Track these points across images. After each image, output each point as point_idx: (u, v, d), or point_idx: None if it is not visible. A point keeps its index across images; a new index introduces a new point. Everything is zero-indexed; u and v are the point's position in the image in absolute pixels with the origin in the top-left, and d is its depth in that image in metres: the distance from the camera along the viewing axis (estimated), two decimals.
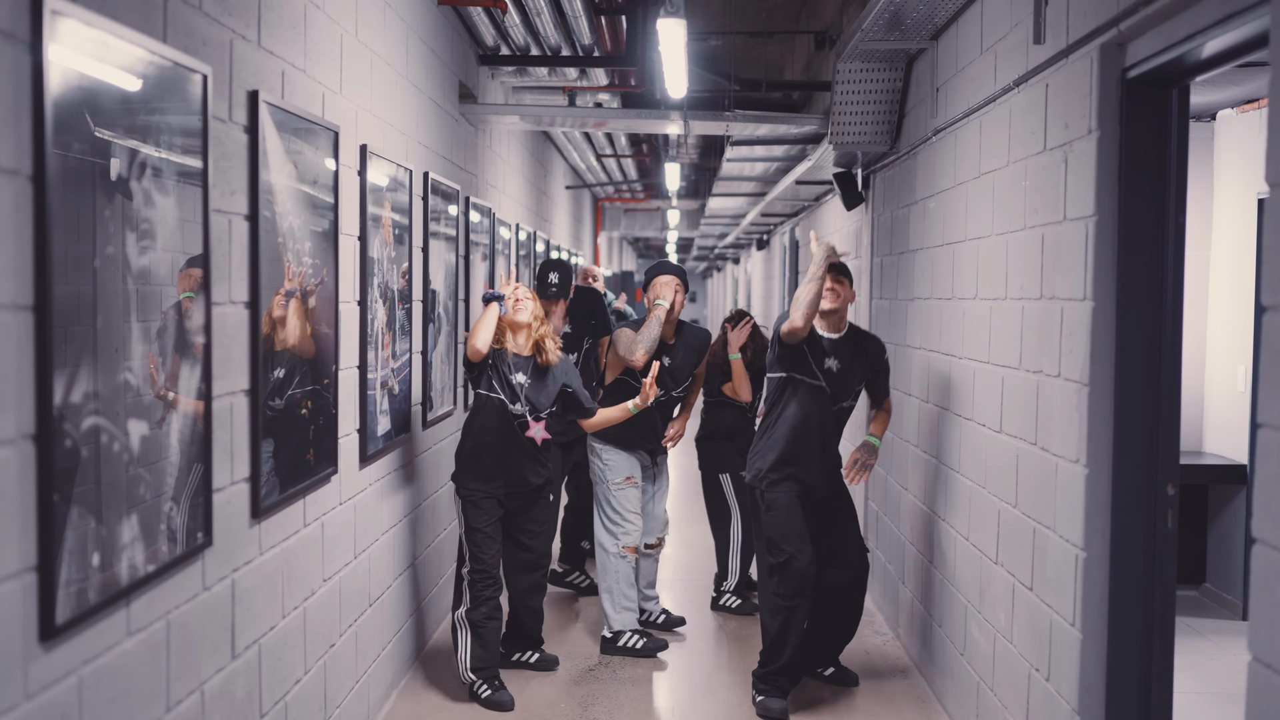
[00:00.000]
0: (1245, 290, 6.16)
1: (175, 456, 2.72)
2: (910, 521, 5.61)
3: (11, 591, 2.06)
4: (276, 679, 3.48)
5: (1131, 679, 3.32)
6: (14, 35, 2.05)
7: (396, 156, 4.82)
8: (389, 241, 4.66)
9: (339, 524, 4.13)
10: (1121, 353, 3.27)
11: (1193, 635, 5.81)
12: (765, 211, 12.95)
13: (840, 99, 6.03)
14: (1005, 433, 4.07)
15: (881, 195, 6.68)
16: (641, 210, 19.85)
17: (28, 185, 2.10)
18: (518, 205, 8.83)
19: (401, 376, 4.93)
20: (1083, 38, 3.33)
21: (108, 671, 2.42)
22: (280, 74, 3.43)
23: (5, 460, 2.03)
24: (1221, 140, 6.46)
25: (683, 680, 5.43)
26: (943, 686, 4.95)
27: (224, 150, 3.01)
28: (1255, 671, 2.12)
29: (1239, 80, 5.23)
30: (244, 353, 3.17)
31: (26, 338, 2.10)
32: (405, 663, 5.22)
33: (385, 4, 4.68)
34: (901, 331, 5.93)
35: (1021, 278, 3.91)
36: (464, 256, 6.35)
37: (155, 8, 2.61)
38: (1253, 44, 2.71)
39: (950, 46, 4.98)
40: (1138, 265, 3.26)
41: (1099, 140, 3.25)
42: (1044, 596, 3.65)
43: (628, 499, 5.79)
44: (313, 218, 3.70)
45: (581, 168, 13.56)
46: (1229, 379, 6.40)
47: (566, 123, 7.41)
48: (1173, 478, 3.27)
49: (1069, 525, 3.42)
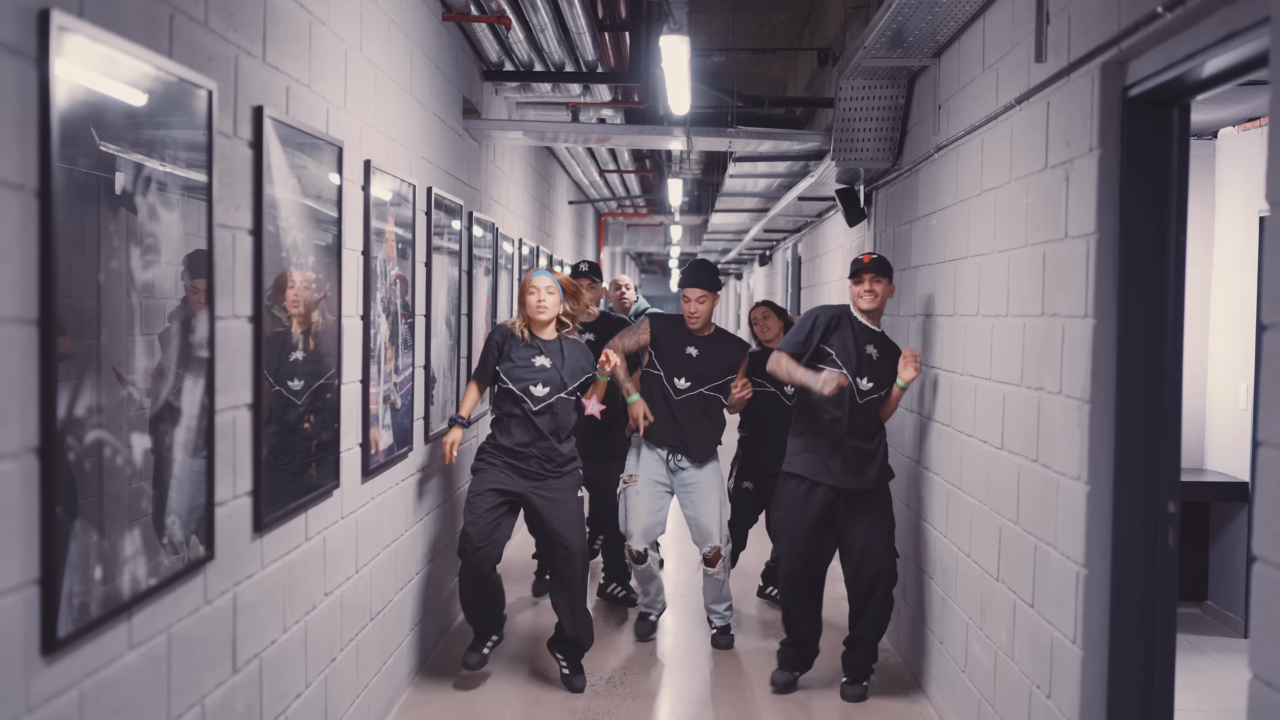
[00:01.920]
0: (1247, 308, 6.16)
1: (178, 470, 2.72)
2: (911, 537, 5.61)
3: (14, 605, 2.06)
4: (277, 693, 3.48)
5: (1132, 696, 3.31)
6: (20, 50, 2.06)
7: (400, 171, 4.83)
8: (392, 256, 4.67)
9: (341, 538, 4.13)
10: (1123, 370, 3.28)
11: (1194, 653, 5.80)
12: (768, 227, 12.97)
13: (843, 116, 6.05)
14: (1006, 449, 4.07)
15: (884, 212, 6.69)
16: (644, 225, 19.87)
17: (33, 199, 2.11)
18: (521, 220, 8.85)
19: (404, 391, 4.94)
20: (1084, 56, 3.35)
21: (109, 685, 2.42)
22: (285, 89, 3.45)
23: (8, 473, 2.04)
24: (1223, 158, 6.47)
25: (684, 696, 5.42)
26: (944, 703, 4.94)
27: (228, 165, 3.02)
28: (1256, 690, 2.12)
29: (1240, 99, 5.25)
30: (247, 367, 3.18)
31: (30, 351, 2.11)
32: (407, 677, 5.22)
33: (390, 20, 4.70)
34: (903, 348, 5.94)
35: (1023, 295, 3.92)
36: (467, 271, 6.36)
37: (161, 24, 2.62)
38: (1253, 63, 2.72)
39: (952, 64, 5.00)
40: (1139, 283, 3.26)
41: (1100, 158, 3.26)
42: (1045, 613, 3.65)
43: (626, 497, 5.87)
44: (316, 232, 3.71)
45: (585, 183, 13.58)
46: (1230, 396, 6.40)
47: (570, 138, 7.43)
48: (1174, 495, 3.27)
49: (1070, 542, 3.42)
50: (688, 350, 5.82)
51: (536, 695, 5.26)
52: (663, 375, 5.81)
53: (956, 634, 4.74)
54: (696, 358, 5.81)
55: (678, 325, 5.89)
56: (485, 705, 5.11)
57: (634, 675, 5.58)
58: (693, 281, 5.82)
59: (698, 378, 5.80)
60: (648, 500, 5.82)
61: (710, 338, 5.88)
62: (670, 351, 5.83)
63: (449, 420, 5.27)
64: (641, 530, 5.82)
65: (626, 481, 5.90)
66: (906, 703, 5.22)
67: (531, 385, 5.12)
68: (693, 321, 5.81)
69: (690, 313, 5.80)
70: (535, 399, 5.11)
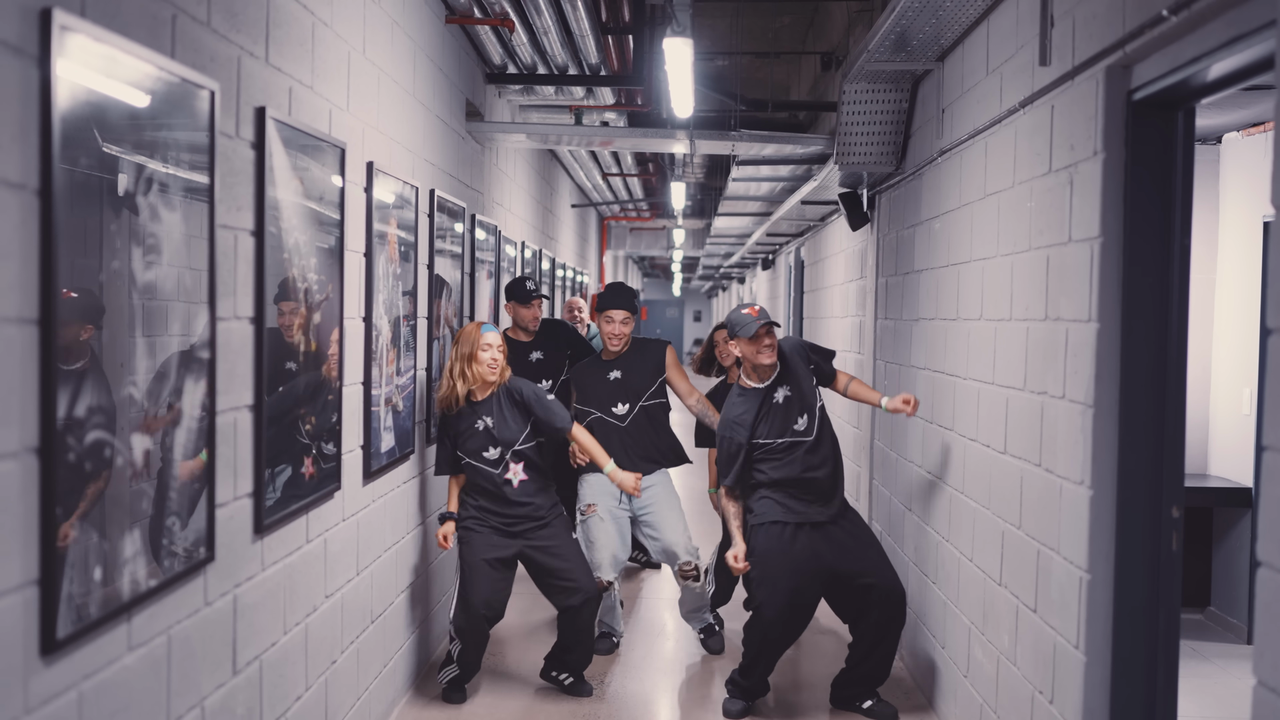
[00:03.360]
0: (1251, 313, 6.15)
1: (178, 471, 2.72)
2: (913, 542, 5.60)
3: (13, 605, 2.06)
4: (278, 695, 3.47)
5: (1135, 702, 3.30)
6: (22, 50, 2.06)
7: (403, 173, 4.83)
8: (394, 258, 4.67)
9: (342, 540, 4.13)
10: (1126, 375, 3.27)
11: (1197, 659, 5.78)
12: (771, 231, 12.95)
13: (846, 119, 6.04)
14: (1009, 454, 4.06)
15: (887, 216, 6.68)
16: (647, 229, 19.87)
17: (34, 199, 2.10)
18: (523, 223, 8.85)
19: (405, 393, 4.94)
20: (1088, 60, 3.34)
21: (108, 686, 2.42)
22: (288, 91, 3.45)
23: (8, 473, 2.03)
24: (1227, 163, 6.46)
25: (681, 701, 5.41)
26: (946, 708, 4.93)
27: (231, 166, 3.01)
28: (1260, 696, 2.11)
29: (1245, 103, 5.24)
30: (249, 368, 3.17)
31: (31, 351, 2.10)
32: (407, 679, 5.21)
33: (393, 22, 4.70)
34: (906, 352, 5.93)
35: (1026, 299, 3.91)
36: (469, 274, 6.36)
37: (164, 24, 2.62)
38: (1258, 67, 2.72)
39: (956, 68, 4.99)
40: (1143, 287, 3.25)
41: (1104, 162, 3.25)
42: (1048, 618, 3.64)
43: (588, 529, 5.62)
44: (318, 234, 3.70)
45: (588, 186, 13.59)
46: (1234, 401, 6.38)
47: (573, 141, 7.43)
48: (1177, 500, 3.26)
49: (1073, 547, 3.41)
50: (610, 375, 5.73)
51: (535, 700, 5.25)
52: (599, 413, 5.69)
53: (959, 639, 4.73)
54: (621, 378, 5.72)
55: (594, 361, 5.84)
56: (485, 710, 5.11)
57: (631, 681, 5.57)
58: (616, 303, 5.70)
59: (632, 395, 5.71)
60: (610, 527, 5.63)
61: (628, 353, 5.79)
62: (594, 388, 5.73)
63: (439, 516, 5.15)
64: (610, 559, 5.61)
65: (585, 512, 5.66)
66: (907, 707, 5.20)
67: (483, 451, 5.01)
68: (614, 343, 5.71)
69: (614, 334, 5.69)
70: (489, 462, 5.01)
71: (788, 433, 4.97)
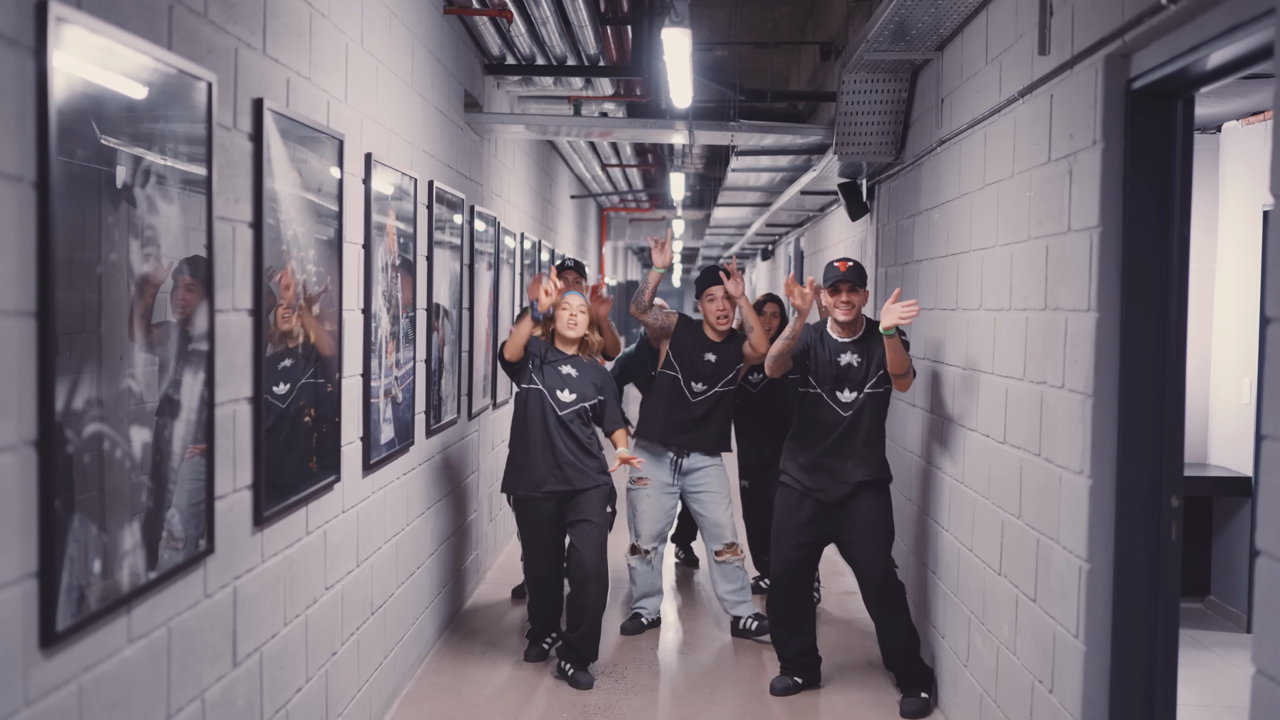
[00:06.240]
0: (1250, 302, 6.14)
1: (177, 463, 2.71)
2: (913, 532, 5.60)
3: (12, 598, 2.06)
4: (278, 687, 3.47)
5: (1135, 691, 3.30)
6: (18, 41, 2.05)
7: (401, 165, 4.82)
8: (393, 250, 4.66)
9: (341, 532, 4.13)
10: (1126, 364, 3.26)
11: (1197, 648, 5.79)
12: (770, 222, 12.96)
13: (845, 109, 6.03)
14: (1009, 444, 4.06)
15: (886, 206, 6.67)
16: (647, 220, 19.84)
17: (31, 191, 2.10)
18: (523, 214, 8.84)
19: (405, 385, 4.93)
20: (1088, 49, 3.33)
21: (108, 679, 2.42)
22: (285, 82, 3.44)
23: (7, 466, 2.03)
24: (1226, 152, 6.45)
25: (687, 690, 5.41)
26: (946, 698, 4.94)
27: (228, 158, 3.01)
28: (1259, 685, 2.12)
29: (1244, 92, 5.23)
30: (247, 360, 3.17)
31: (29, 343, 2.10)
32: (408, 671, 5.21)
33: (391, 13, 4.69)
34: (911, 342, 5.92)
35: (1026, 289, 3.91)
36: (469, 265, 6.35)
37: (160, 15, 2.61)
38: (1257, 55, 2.71)
39: (955, 57, 4.99)
40: (1142, 276, 3.25)
41: (1104, 151, 3.25)
42: (1047, 608, 3.64)
43: (636, 498, 5.99)
44: (317, 226, 3.70)
45: (587, 177, 13.57)
46: (1234, 391, 6.38)
47: (572, 132, 7.42)
48: (1177, 490, 3.26)
49: (1073, 537, 3.41)
50: (706, 356, 5.90)
51: (538, 690, 5.26)
52: (679, 378, 5.88)
53: (959, 628, 4.73)
54: (715, 362, 5.90)
55: (697, 330, 5.97)
56: (487, 700, 5.11)
57: (634, 670, 5.58)
58: (716, 280, 5.92)
59: (714, 380, 5.91)
60: (657, 502, 5.98)
61: (726, 340, 5.95)
62: (689, 356, 5.91)
63: (523, 310, 5.51)
64: (651, 533, 5.99)
65: (635, 483, 5.97)
66: None
67: (558, 390, 5.31)
68: (723, 322, 5.89)
69: (720, 311, 5.89)
70: (561, 404, 5.30)
71: (832, 398, 5.02)
